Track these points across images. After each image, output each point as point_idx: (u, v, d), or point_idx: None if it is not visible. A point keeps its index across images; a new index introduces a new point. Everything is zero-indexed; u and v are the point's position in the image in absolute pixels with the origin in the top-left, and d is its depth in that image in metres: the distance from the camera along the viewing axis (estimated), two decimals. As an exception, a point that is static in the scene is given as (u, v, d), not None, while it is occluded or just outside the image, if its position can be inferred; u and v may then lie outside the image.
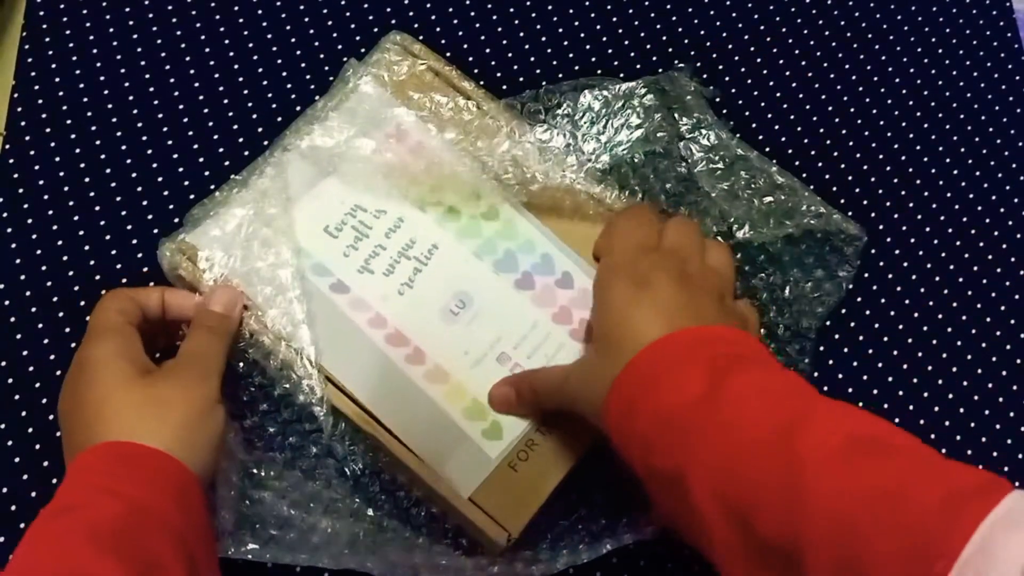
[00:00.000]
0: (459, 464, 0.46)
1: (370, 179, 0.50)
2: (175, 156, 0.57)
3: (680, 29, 0.64)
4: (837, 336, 0.57)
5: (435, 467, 0.46)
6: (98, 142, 0.57)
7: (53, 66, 0.59)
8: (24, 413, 0.52)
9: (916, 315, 0.59)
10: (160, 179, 0.57)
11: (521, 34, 0.62)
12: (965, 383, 0.57)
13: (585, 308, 0.49)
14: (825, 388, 0.56)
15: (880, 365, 0.57)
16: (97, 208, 0.56)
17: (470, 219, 0.51)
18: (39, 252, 0.55)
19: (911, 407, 0.57)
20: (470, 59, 0.61)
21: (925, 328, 0.58)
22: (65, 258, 0.55)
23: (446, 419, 0.47)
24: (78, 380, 0.43)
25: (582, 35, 0.63)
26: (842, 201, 0.60)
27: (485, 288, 0.50)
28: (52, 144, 0.57)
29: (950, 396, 0.57)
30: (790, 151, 0.61)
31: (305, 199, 0.50)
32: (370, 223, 0.50)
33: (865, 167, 0.61)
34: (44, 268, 0.55)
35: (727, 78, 0.63)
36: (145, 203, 0.56)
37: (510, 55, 0.62)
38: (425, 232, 0.50)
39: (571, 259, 0.51)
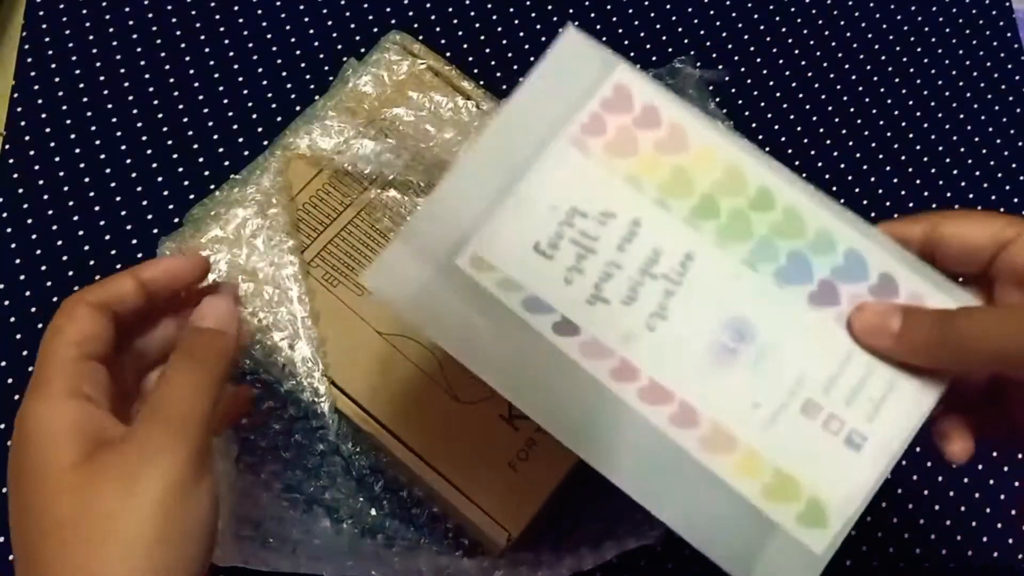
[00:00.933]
0: (771, 563, 0.34)
1: (587, 170, 0.37)
2: (175, 156, 0.57)
3: (680, 29, 0.64)
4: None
5: (737, 570, 0.34)
6: (98, 142, 0.57)
7: (53, 66, 0.59)
8: (24, 413, 0.52)
9: (916, 315, 0.59)
10: (160, 179, 0.57)
11: (521, 34, 0.62)
12: (965, 383, 0.58)
13: None
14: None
15: (880, 365, 0.57)
16: (97, 208, 0.56)
17: (734, 212, 0.37)
18: (39, 252, 0.55)
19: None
20: (470, 59, 0.61)
21: (925, 328, 0.58)
22: (65, 258, 0.55)
23: (741, 503, 0.35)
24: (17, 474, 0.31)
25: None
26: (842, 201, 0.60)
27: (769, 310, 0.36)
28: (52, 144, 0.57)
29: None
30: (790, 151, 0.61)
31: (501, 210, 0.37)
32: (595, 233, 0.36)
33: (865, 167, 0.61)
34: (44, 268, 0.55)
35: (727, 78, 0.63)
36: (145, 203, 0.56)
37: (510, 55, 0.62)
38: (673, 238, 0.36)
39: (891, 253, 0.37)
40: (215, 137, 0.58)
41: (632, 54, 0.63)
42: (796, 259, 0.36)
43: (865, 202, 0.61)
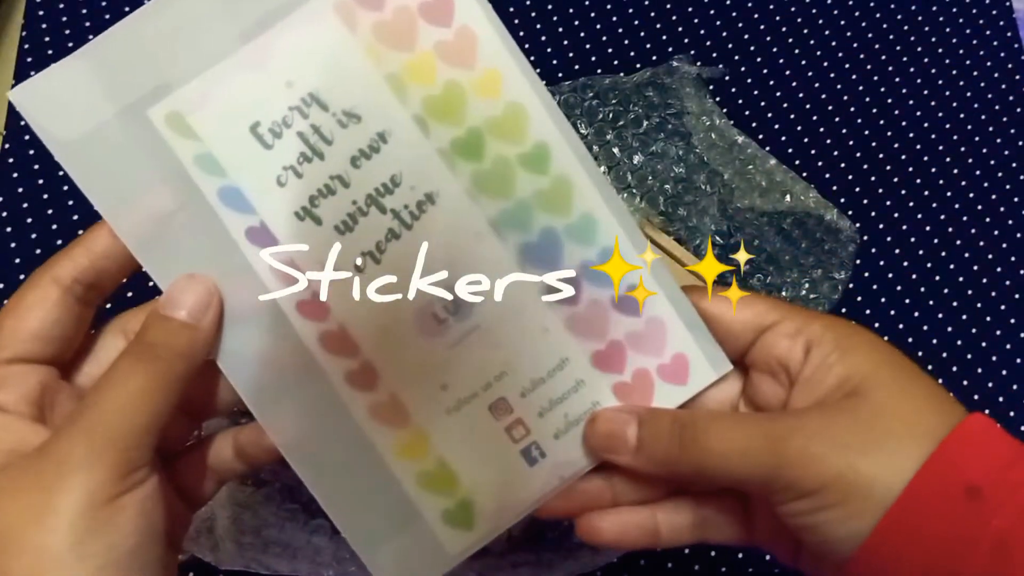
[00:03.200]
0: (399, 552, 0.31)
1: (346, 50, 0.30)
2: (175, 156, 0.57)
3: (680, 29, 0.64)
4: (837, 336, 0.57)
5: (360, 548, 0.31)
6: (98, 142, 0.57)
7: (53, 66, 0.59)
8: (24, 413, 0.52)
9: (916, 314, 0.59)
10: (160, 179, 0.57)
11: (521, 33, 0.62)
12: (965, 382, 0.57)
13: (650, 352, 0.32)
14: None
15: (880, 365, 0.57)
16: (97, 208, 0.56)
17: (500, 161, 0.31)
18: (39, 252, 0.55)
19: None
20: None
21: (925, 328, 0.58)
22: (65, 258, 0.55)
23: (391, 483, 0.31)
24: None
25: (582, 35, 0.63)
26: (842, 201, 0.60)
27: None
28: (52, 144, 0.57)
29: (950, 395, 0.57)
30: (790, 150, 0.61)
31: (223, 65, 0.29)
32: (330, 133, 0.30)
33: (865, 167, 0.61)
34: (44, 268, 0.55)
35: (727, 78, 0.63)
36: (145, 203, 0.56)
37: (510, 55, 0.62)
38: (420, 169, 0.30)
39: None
40: (215, 137, 0.58)
41: (631, 53, 0.63)
42: (549, 239, 0.31)
43: (865, 201, 0.60)
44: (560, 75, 0.61)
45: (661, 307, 0.32)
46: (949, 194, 0.61)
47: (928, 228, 0.61)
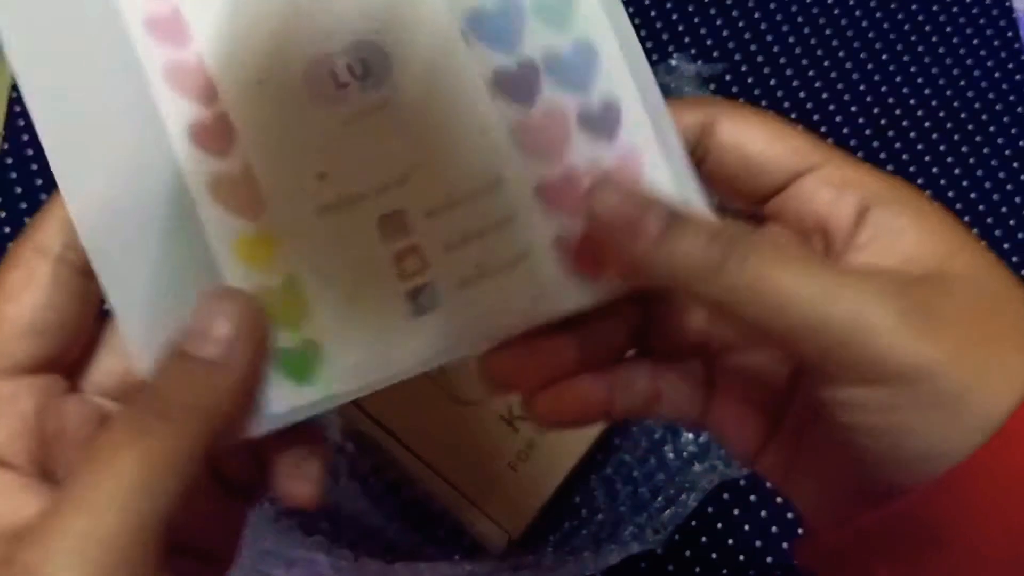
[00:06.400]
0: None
1: None
2: (174, 156, 0.57)
3: (680, 28, 0.64)
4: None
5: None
6: (96, 142, 0.57)
7: (51, 65, 0.59)
8: (22, 414, 0.52)
9: (917, 315, 0.59)
10: (159, 179, 0.57)
11: (521, 33, 0.62)
12: (966, 383, 0.57)
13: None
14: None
15: (881, 365, 0.57)
16: (95, 208, 0.56)
17: None
18: (37, 252, 0.55)
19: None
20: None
21: (926, 328, 0.58)
22: (63, 258, 0.55)
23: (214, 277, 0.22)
24: None
25: (582, 34, 0.63)
26: (843, 201, 0.60)
27: (427, 57, 0.23)
28: (50, 144, 0.57)
29: None
30: (790, 151, 0.61)
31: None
32: None
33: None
34: (42, 268, 0.54)
35: (727, 77, 0.63)
36: (144, 203, 0.56)
37: (510, 54, 0.62)
38: None
39: (632, 73, 0.25)
40: (214, 137, 0.58)
41: (632, 53, 0.63)
42: (509, 8, 0.23)
43: (866, 202, 0.61)
44: (560, 75, 0.61)
45: (638, 123, 0.24)
46: (951, 194, 0.61)
47: (929, 228, 0.60)
